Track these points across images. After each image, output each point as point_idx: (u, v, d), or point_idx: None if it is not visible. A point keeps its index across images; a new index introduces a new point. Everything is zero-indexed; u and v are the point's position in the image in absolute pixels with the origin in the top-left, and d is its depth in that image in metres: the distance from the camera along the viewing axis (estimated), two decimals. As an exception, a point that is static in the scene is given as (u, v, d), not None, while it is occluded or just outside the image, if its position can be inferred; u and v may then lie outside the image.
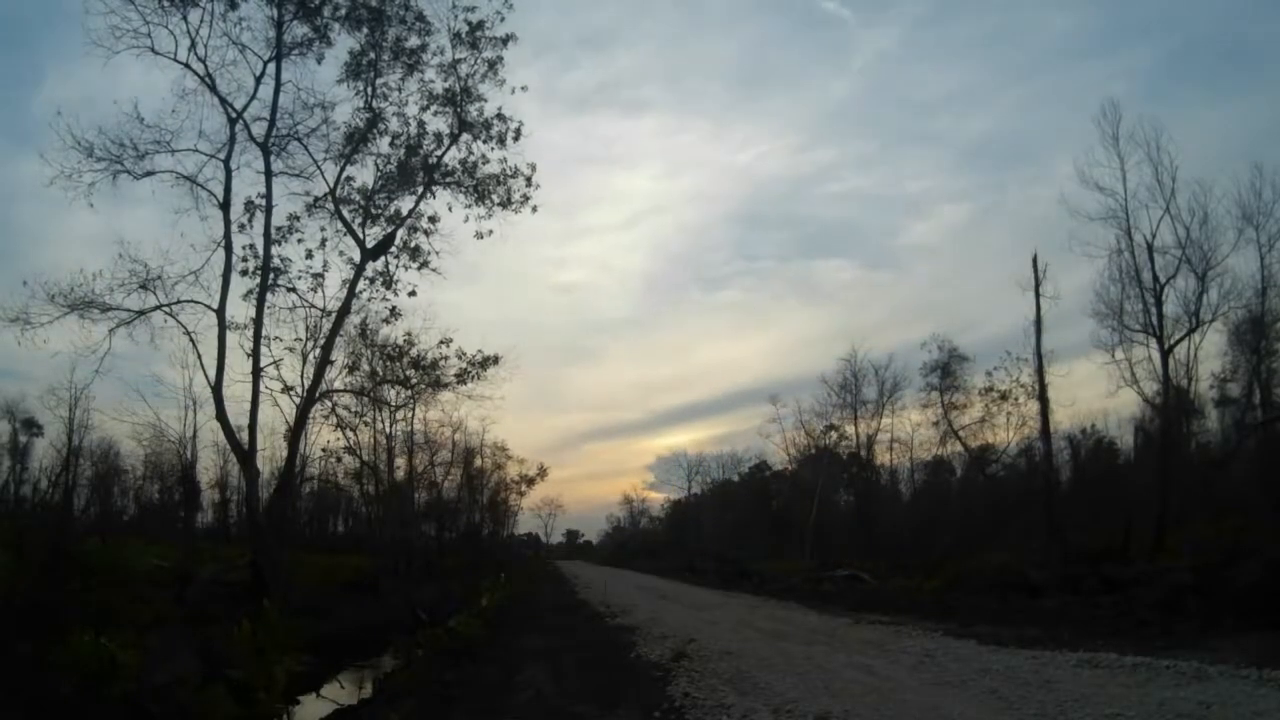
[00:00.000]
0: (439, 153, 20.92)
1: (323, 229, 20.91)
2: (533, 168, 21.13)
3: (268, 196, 19.29)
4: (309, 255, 20.86)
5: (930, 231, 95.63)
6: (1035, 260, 23.17)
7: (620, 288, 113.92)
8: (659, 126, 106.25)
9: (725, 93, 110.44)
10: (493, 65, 20.21)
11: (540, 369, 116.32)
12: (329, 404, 25.79)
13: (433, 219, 21.45)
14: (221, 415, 18.46)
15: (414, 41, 19.84)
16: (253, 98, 18.82)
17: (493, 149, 20.85)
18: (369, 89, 20.13)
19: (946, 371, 33.82)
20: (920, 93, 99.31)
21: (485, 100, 20.47)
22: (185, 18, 17.81)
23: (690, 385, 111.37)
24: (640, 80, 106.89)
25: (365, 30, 19.49)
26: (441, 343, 25.30)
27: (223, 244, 18.41)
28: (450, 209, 21.43)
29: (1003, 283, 71.61)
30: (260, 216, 19.35)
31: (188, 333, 18.63)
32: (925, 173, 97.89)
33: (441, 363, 25.55)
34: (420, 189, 21.10)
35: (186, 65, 18.08)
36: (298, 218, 20.61)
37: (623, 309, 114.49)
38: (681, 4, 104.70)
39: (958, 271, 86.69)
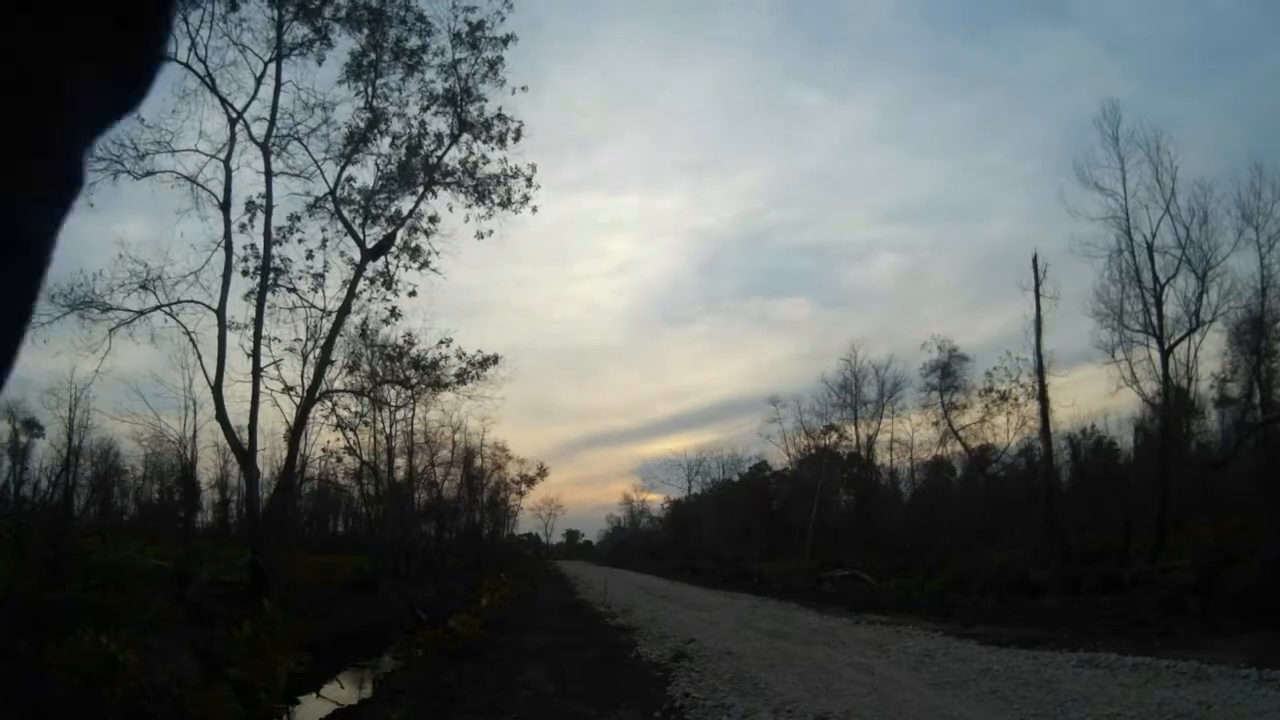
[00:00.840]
0: (439, 153, 20.90)
1: (323, 229, 20.88)
2: (533, 168, 21.10)
3: (268, 196, 19.27)
4: (309, 255, 20.83)
5: (874, 277, 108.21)
6: (1035, 260, 23.11)
7: (609, 323, 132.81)
8: (637, 203, 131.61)
9: (692, 180, 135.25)
10: (493, 65, 20.19)
11: (538, 386, 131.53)
12: (329, 404, 25.74)
13: (433, 219, 21.42)
14: (221, 415, 18.44)
15: (414, 42, 19.81)
16: (253, 98, 18.79)
17: (493, 149, 20.84)
18: (369, 89, 20.11)
19: (946, 372, 33.88)
20: (862, 167, 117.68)
21: (485, 100, 20.46)
22: (185, 18, 17.76)
23: (674, 400, 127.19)
24: (620, 172, 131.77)
25: (365, 31, 19.48)
26: (441, 343, 25.28)
27: (223, 244, 18.38)
28: (450, 209, 21.42)
29: (944, 315, 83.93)
30: (260, 217, 19.31)
31: (188, 333, 18.63)
32: (868, 228, 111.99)
33: (441, 363, 25.53)
34: (421, 189, 21.08)
35: (187, 65, 18.05)
36: (298, 218, 20.58)
37: (611, 340, 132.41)
38: (651, 114, 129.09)
39: (903, 309, 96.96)
